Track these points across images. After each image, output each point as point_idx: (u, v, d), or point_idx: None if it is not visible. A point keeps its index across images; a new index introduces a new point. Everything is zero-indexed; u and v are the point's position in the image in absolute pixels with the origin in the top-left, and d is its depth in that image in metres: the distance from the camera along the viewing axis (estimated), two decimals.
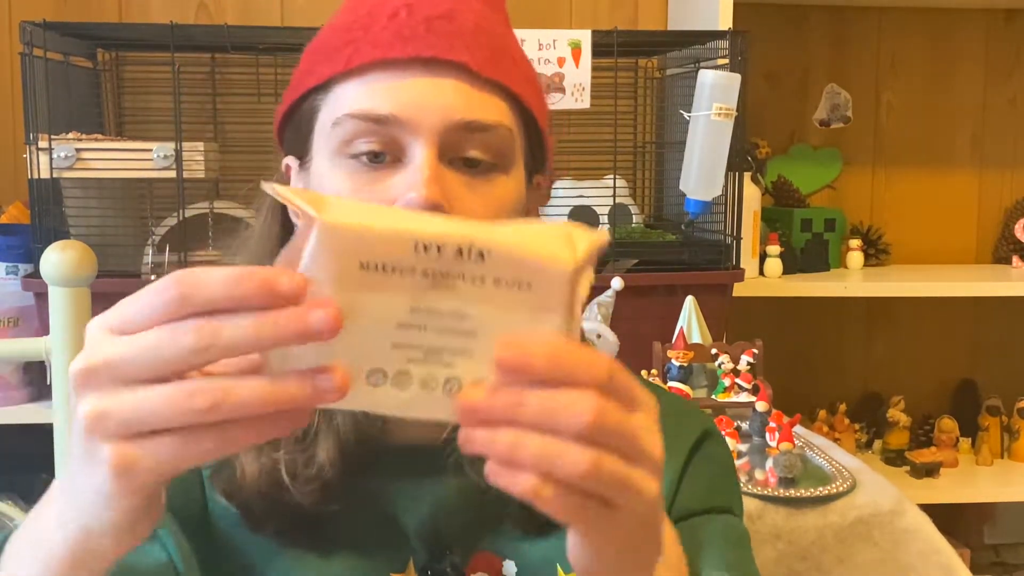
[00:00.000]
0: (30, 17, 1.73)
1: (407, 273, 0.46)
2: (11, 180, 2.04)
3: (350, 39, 0.69)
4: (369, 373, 0.47)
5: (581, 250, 0.47)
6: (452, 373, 0.47)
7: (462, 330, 0.47)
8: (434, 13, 0.69)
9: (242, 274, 0.44)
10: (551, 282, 0.47)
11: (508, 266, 0.46)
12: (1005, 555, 2.34)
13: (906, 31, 2.37)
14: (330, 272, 0.46)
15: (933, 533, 1.43)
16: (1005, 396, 2.33)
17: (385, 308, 0.46)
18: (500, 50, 0.71)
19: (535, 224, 0.49)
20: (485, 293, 0.46)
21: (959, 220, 2.43)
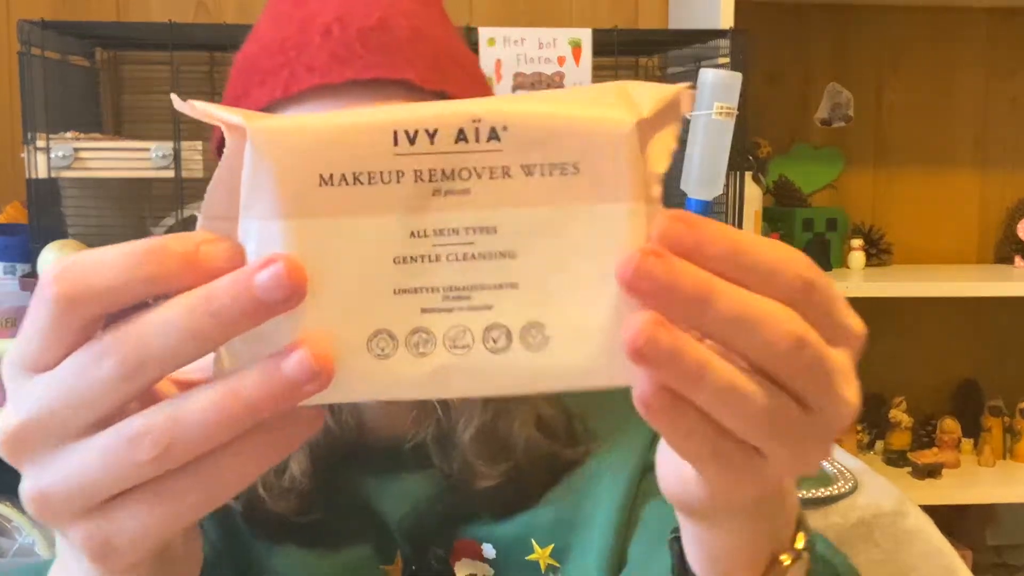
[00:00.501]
0: (28, 16, 1.73)
1: (391, 180, 0.33)
2: (9, 180, 2.03)
3: (284, 61, 0.67)
4: (370, 338, 0.33)
5: (645, 103, 0.33)
6: (493, 319, 0.33)
7: (492, 251, 0.33)
8: (367, 24, 0.67)
9: (142, 249, 0.33)
10: (607, 151, 0.33)
11: (538, 142, 0.33)
12: (1007, 556, 2.33)
13: (908, 30, 2.36)
14: (277, 201, 0.32)
15: (935, 534, 1.42)
16: (1007, 397, 2.32)
17: (369, 238, 0.33)
18: (440, 55, 0.69)
19: (566, 89, 0.36)
20: (513, 188, 0.33)
21: (961, 220, 2.42)
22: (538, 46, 1.76)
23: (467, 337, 0.33)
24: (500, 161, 0.33)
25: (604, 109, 0.33)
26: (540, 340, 0.33)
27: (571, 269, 0.33)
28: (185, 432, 0.33)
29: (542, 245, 0.33)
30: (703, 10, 2.01)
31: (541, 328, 0.33)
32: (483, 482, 0.70)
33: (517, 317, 0.33)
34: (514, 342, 0.33)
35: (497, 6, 2.20)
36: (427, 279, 0.33)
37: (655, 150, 0.34)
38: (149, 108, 2.01)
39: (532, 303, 0.33)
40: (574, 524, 0.72)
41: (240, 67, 0.71)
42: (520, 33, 1.74)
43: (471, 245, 0.33)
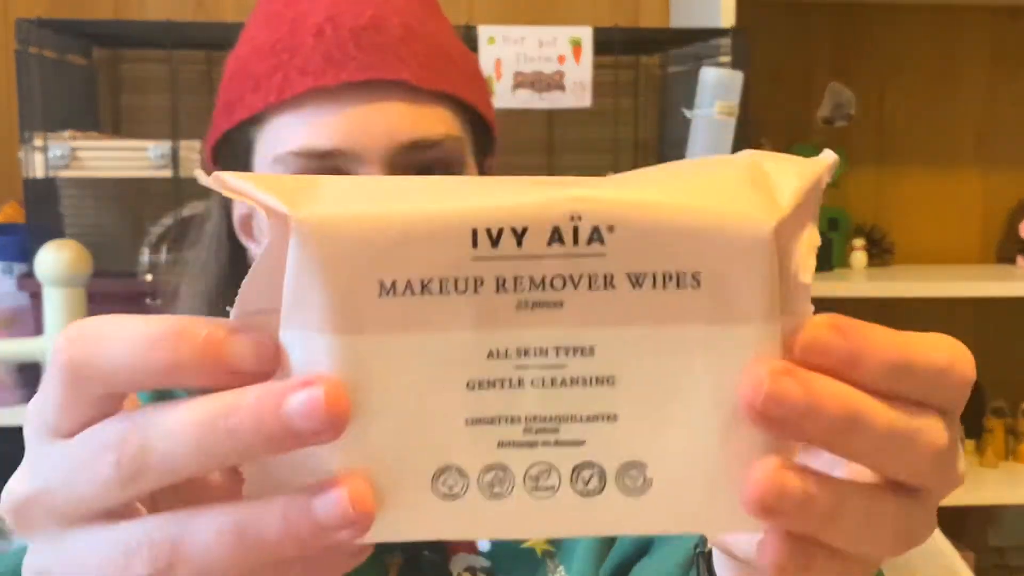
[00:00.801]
0: (25, 14, 1.72)
1: (468, 289, 0.27)
2: (6, 179, 2.02)
3: (277, 64, 0.66)
4: (436, 475, 0.28)
5: (786, 193, 0.28)
6: (585, 456, 0.28)
7: (588, 376, 0.28)
8: (360, 24, 0.66)
9: (160, 330, 0.28)
10: (738, 261, 0.27)
11: (651, 246, 0.27)
12: (1009, 558, 2.33)
13: (910, 29, 2.35)
14: (327, 311, 0.27)
15: (937, 536, 1.42)
16: (1010, 398, 2.31)
17: (439, 358, 0.27)
18: (434, 52, 0.69)
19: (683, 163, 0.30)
20: (616, 303, 0.27)
21: (964, 220, 2.41)
22: (538, 45, 1.76)
23: (552, 478, 0.28)
24: (603, 269, 0.27)
25: (737, 203, 0.27)
26: (640, 483, 0.28)
27: (681, 400, 0.28)
28: (188, 558, 0.28)
29: (648, 371, 0.28)
30: (704, 9, 2.00)
31: (643, 469, 0.28)
32: None
33: (614, 455, 0.28)
34: (608, 485, 0.28)
35: (497, 4, 2.19)
36: (507, 408, 0.28)
37: (802, 254, 0.28)
38: (147, 107, 2.00)
39: (633, 439, 0.28)
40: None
41: (233, 71, 0.71)
42: (520, 32, 1.74)
43: (562, 368, 0.27)
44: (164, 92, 1.79)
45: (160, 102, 1.87)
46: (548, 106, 1.76)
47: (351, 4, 0.68)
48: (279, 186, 0.27)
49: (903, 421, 0.28)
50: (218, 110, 0.73)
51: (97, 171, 1.68)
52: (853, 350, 0.28)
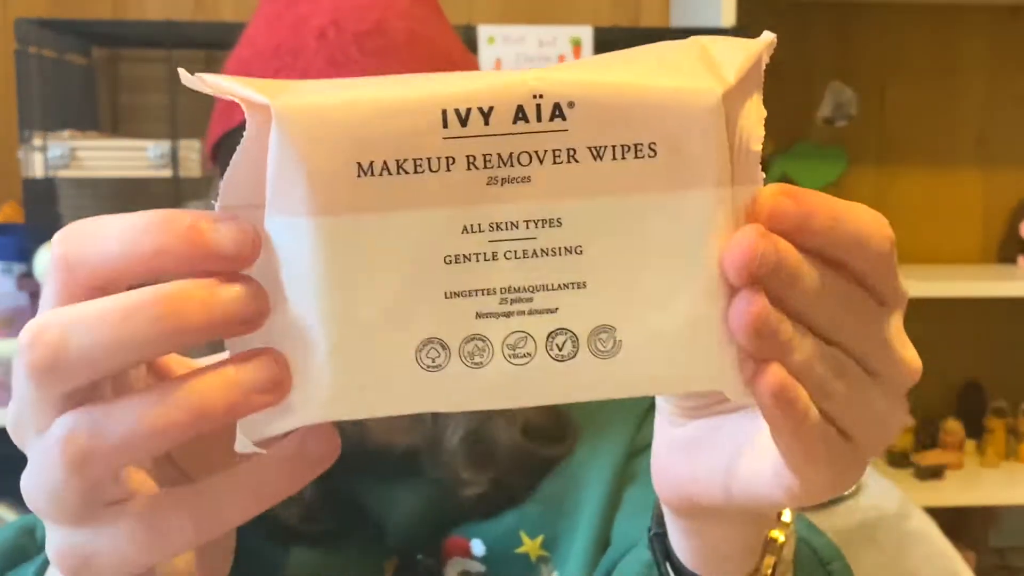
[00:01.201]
0: (25, 14, 1.72)
1: (440, 167, 0.29)
2: (5, 179, 2.02)
3: (280, 66, 0.66)
4: (419, 348, 0.29)
5: (730, 68, 0.29)
6: (558, 323, 0.30)
7: (557, 246, 0.29)
8: (363, 28, 0.66)
9: (148, 221, 0.29)
10: (690, 129, 0.29)
11: (609, 120, 0.29)
12: (1011, 558, 2.32)
13: (911, 28, 2.35)
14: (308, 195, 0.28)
15: (938, 536, 1.42)
16: (1011, 398, 2.31)
17: (416, 236, 0.29)
18: (438, 57, 0.69)
19: (635, 49, 0.31)
20: (580, 175, 0.29)
21: (964, 219, 2.41)
22: (538, 44, 1.75)
23: (528, 344, 0.29)
24: (565, 143, 0.29)
25: (685, 78, 0.29)
26: (611, 346, 0.30)
27: (647, 265, 0.30)
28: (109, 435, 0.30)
29: (614, 239, 0.29)
30: (705, 8, 2.00)
31: (612, 332, 0.30)
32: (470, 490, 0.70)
33: (585, 321, 0.29)
34: (581, 349, 0.30)
35: (497, 4, 2.19)
36: (482, 280, 0.29)
37: (748, 122, 0.30)
38: (146, 107, 2.00)
39: (602, 304, 0.29)
40: (562, 512, 0.72)
41: (233, 72, 0.71)
42: (520, 31, 1.73)
43: (532, 240, 0.29)
44: (163, 92, 1.79)
45: (159, 102, 1.87)
46: None
47: (355, 8, 0.67)
48: (259, 83, 0.29)
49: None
50: (218, 111, 0.72)
51: (96, 171, 1.68)
52: (804, 212, 0.31)
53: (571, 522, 0.72)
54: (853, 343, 0.33)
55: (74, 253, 0.30)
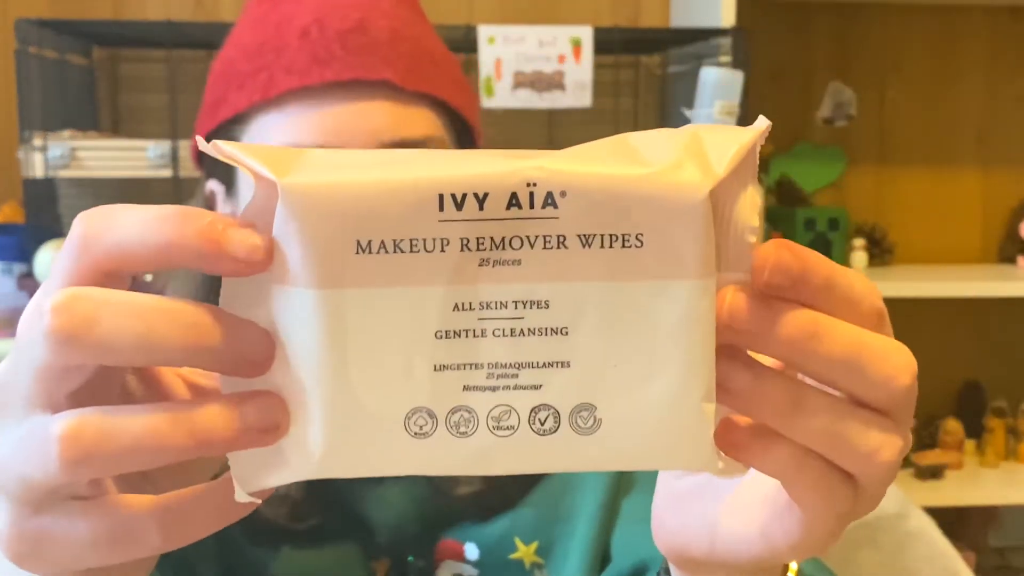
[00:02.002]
0: (25, 14, 1.72)
1: (435, 248, 0.30)
2: (6, 179, 2.02)
3: (263, 64, 0.67)
4: (407, 416, 0.31)
5: (719, 158, 0.31)
6: (541, 399, 0.31)
7: (543, 327, 0.31)
8: (346, 26, 0.67)
9: (170, 212, 0.31)
10: (676, 223, 0.30)
11: (599, 210, 0.30)
12: (1011, 558, 2.32)
13: (911, 28, 2.35)
14: (310, 268, 0.30)
15: (937, 536, 1.41)
16: (1011, 398, 2.31)
17: (410, 311, 0.31)
18: (420, 55, 0.69)
19: (630, 136, 0.32)
20: (569, 261, 0.30)
21: (964, 219, 2.41)
22: (538, 44, 1.75)
23: (512, 418, 0.31)
24: (556, 230, 0.30)
25: (674, 171, 0.30)
26: (592, 423, 0.31)
27: (630, 348, 0.31)
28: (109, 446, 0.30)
29: (598, 322, 0.31)
30: (704, 8, 2.00)
31: (593, 410, 0.31)
32: (463, 489, 0.70)
33: (567, 398, 0.31)
34: (563, 424, 0.31)
35: (497, 4, 2.19)
36: (471, 355, 0.31)
37: (741, 213, 0.31)
38: (146, 107, 2.00)
39: (584, 383, 0.31)
40: (557, 520, 0.72)
41: (219, 72, 0.71)
42: (520, 31, 1.73)
43: (520, 320, 0.31)
44: (163, 92, 1.79)
45: (159, 102, 1.87)
46: (548, 106, 1.76)
47: (338, 7, 0.68)
48: (266, 154, 0.31)
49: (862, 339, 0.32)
50: (203, 110, 0.73)
51: (96, 171, 1.68)
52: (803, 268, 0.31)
53: (566, 529, 0.71)
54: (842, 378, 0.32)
55: (93, 233, 0.31)
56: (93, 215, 0.32)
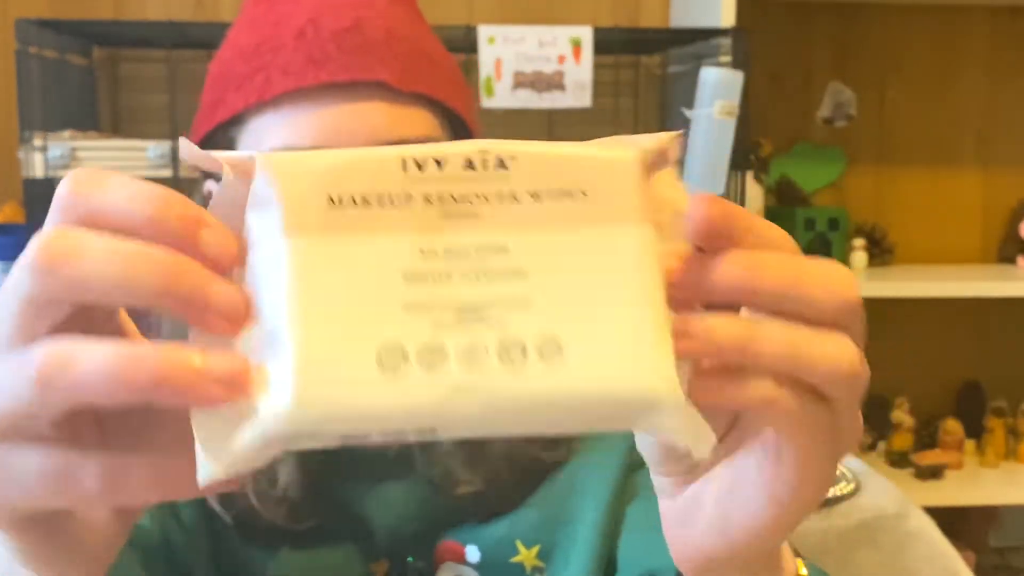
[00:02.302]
0: (25, 14, 1.72)
1: (401, 202, 0.33)
2: (6, 179, 2.02)
3: (259, 65, 0.67)
4: (380, 353, 0.32)
5: (644, 145, 0.36)
6: (507, 334, 0.33)
7: (505, 269, 0.33)
8: (342, 26, 0.66)
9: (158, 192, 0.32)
10: (614, 178, 0.35)
11: (545, 171, 0.34)
12: (1010, 558, 2.33)
13: (911, 28, 2.35)
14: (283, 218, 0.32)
15: (937, 536, 1.42)
16: (1010, 398, 2.31)
17: (379, 256, 0.32)
18: (416, 55, 0.69)
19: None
20: (522, 212, 0.34)
21: (964, 219, 2.41)
22: (538, 44, 1.76)
23: (481, 353, 0.32)
24: (508, 187, 0.34)
25: (605, 150, 0.35)
26: (558, 353, 0.33)
27: (585, 286, 0.34)
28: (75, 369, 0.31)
29: (553, 264, 0.34)
30: (704, 9, 2.00)
31: (557, 341, 0.33)
32: (464, 488, 0.70)
33: (532, 332, 0.33)
34: (530, 356, 0.33)
35: (497, 4, 2.19)
36: (439, 296, 0.33)
37: (666, 190, 0.36)
38: (146, 107, 2.00)
39: (547, 319, 0.33)
40: (559, 523, 0.72)
41: (216, 74, 0.71)
42: (520, 31, 1.74)
43: (483, 263, 0.33)
44: (163, 92, 1.79)
45: (159, 102, 1.87)
46: (548, 106, 1.76)
47: (333, 7, 0.68)
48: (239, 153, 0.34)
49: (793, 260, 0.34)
50: (201, 111, 0.73)
51: None
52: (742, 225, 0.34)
53: (568, 533, 0.71)
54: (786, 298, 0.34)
55: (81, 192, 0.33)
56: (81, 175, 0.33)
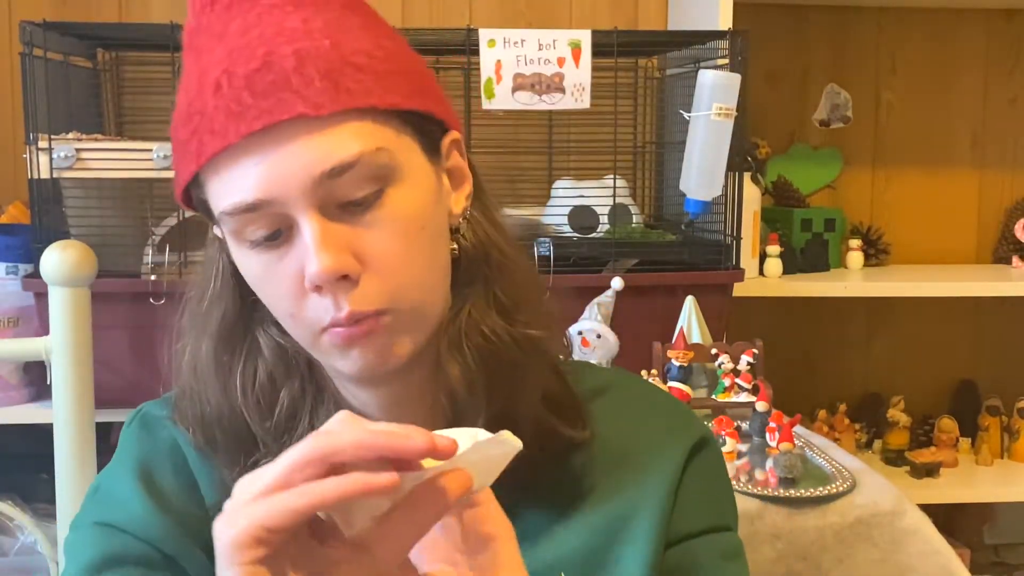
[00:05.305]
0: (30, 17, 1.73)
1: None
2: (11, 180, 2.04)
3: (193, 130, 0.66)
4: None
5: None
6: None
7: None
8: (252, 68, 0.64)
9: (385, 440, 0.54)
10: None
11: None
12: (1005, 555, 2.34)
13: (906, 31, 2.37)
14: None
15: (933, 533, 1.43)
16: (1005, 396, 2.33)
17: None
18: (337, 67, 0.65)
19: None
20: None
21: (959, 220, 2.43)
22: (538, 47, 1.77)
23: None
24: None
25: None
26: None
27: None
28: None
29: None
30: (702, 11, 2.01)
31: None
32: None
33: None
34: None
35: (497, 7, 2.21)
36: None
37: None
38: (150, 109, 2.01)
39: None
40: (605, 563, 0.74)
41: (172, 134, 0.70)
42: (520, 34, 1.75)
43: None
44: (168, 94, 1.80)
45: (164, 103, 1.87)
46: (548, 108, 1.77)
47: (245, 47, 0.66)
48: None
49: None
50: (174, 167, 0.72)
51: (101, 172, 1.69)
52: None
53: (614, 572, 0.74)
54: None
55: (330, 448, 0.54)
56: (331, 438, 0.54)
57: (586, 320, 1.69)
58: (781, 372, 2.04)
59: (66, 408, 1.38)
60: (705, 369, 1.75)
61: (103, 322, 1.50)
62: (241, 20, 0.67)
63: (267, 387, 0.73)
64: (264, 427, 0.72)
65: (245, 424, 0.73)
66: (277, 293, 0.68)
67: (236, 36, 0.66)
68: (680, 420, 0.82)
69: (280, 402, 0.72)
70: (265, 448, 0.72)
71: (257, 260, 0.67)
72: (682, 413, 0.85)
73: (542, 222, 1.91)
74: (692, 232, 1.90)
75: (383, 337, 0.67)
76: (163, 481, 0.76)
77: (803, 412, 2.01)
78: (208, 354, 0.74)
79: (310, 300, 0.66)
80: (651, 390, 0.88)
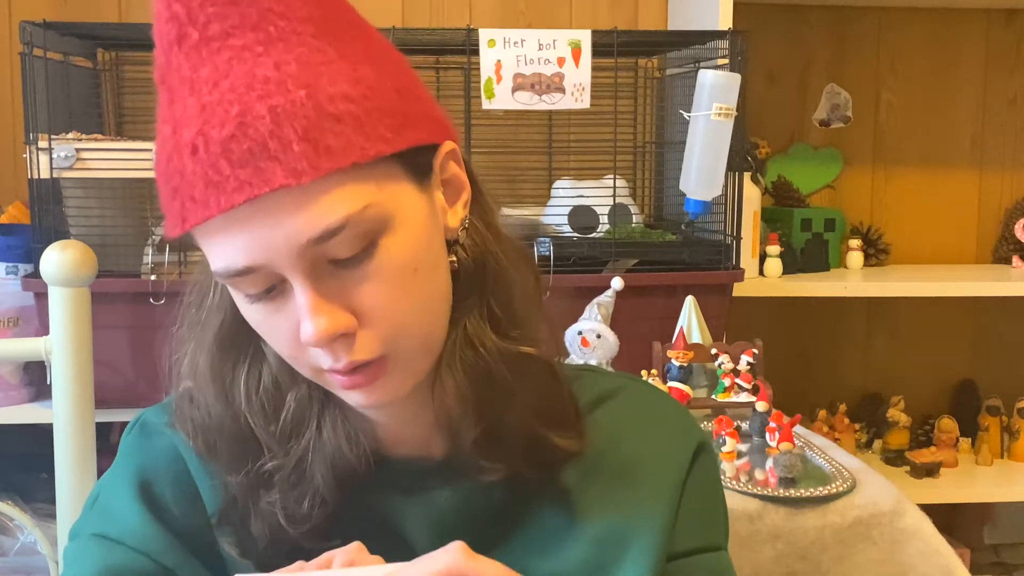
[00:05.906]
0: (30, 17, 1.73)
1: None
2: (11, 180, 2.04)
3: (173, 190, 0.64)
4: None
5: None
6: None
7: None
8: (226, 133, 0.61)
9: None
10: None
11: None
12: (1005, 555, 2.34)
13: (906, 31, 2.37)
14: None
15: (933, 533, 1.43)
16: (1005, 396, 2.33)
17: None
18: (311, 124, 0.62)
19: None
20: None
21: (959, 220, 2.43)
22: (538, 47, 1.77)
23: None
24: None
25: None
26: None
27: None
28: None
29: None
30: (702, 11, 2.01)
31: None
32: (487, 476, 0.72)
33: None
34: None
35: (497, 7, 2.21)
36: None
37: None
38: (151, 109, 1.98)
39: None
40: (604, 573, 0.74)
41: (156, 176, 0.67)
42: (520, 34, 1.75)
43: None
44: None
45: None
46: (548, 108, 1.77)
47: (218, 105, 0.62)
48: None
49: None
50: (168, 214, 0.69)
51: (101, 172, 1.69)
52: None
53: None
54: None
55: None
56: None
57: (586, 320, 1.69)
58: (781, 372, 2.04)
59: (66, 408, 1.38)
60: (705, 369, 1.75)
61: (103, 322, 1.49)
62: (211, 66, 0.63)
63: (272, 392, 0.72)
64: (269, 431, 0.72)
65: (249, 429, 0.72)
66: (277, 340, 0.68)
67: (207, 88, 0.63)
68: (681, 429, 0.82)
69: (287, 406, 0.72)
70: (270, 453, 0.72)
71: (255, 309, 0.67)
72: (683, 421, 0.84)
73: (542, 222, 1.91)
74: (692, 232, 1.90)
75: (385, 377, 0.67)
76: (162, 492, 0.76)
77: (803, 412, 2.01)
78: (209, 360, 0.74)
79: (310, 350, 0.66)
80: (656, 397, 0.86)
